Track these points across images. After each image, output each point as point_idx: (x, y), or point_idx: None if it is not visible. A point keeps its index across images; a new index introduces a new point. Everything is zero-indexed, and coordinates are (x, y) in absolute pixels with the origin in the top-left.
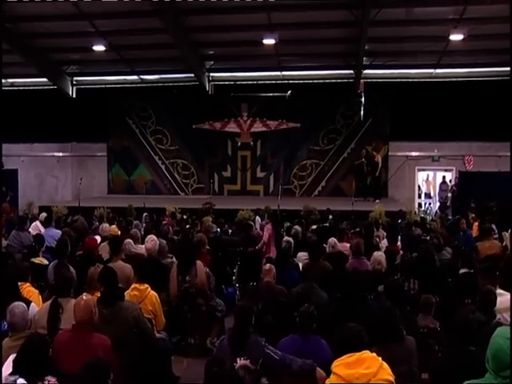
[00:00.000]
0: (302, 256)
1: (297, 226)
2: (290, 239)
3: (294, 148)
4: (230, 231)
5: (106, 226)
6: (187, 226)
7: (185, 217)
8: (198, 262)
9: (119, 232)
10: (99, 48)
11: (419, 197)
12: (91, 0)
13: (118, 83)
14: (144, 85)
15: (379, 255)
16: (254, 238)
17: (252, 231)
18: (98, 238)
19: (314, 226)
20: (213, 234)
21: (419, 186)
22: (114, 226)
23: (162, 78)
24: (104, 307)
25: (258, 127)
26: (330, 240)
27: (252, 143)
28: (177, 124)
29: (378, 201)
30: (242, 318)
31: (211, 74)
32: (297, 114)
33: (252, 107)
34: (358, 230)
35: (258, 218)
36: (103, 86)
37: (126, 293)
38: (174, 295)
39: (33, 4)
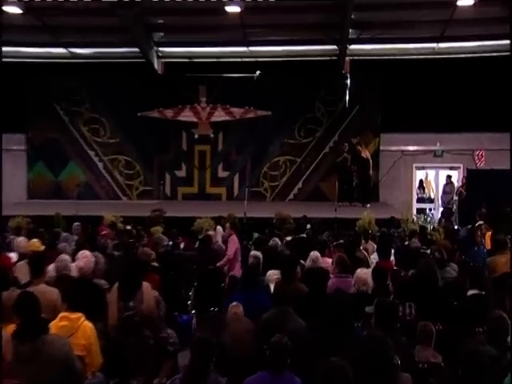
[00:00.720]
0: (274, 275)
1: (276, 239)
2: (259, 254)
3: (263, 142)
4: (184, 245)
5: (22, 240)
6: (131, 239)
7: (128, 227)
8: (145, 284)
9: (42, 247)
10: (13, 10)
11: (418, 201)
12: None
13: (41, 57)
14: (75, 60)
15: (363, 273)
16: (214, 252)
17: (212, 244)
18: (14, 256)
19: (289, 238)
20: (163, 248)
21: (420, 187)
22: (35, 241)
23: (97, 53)
24: (21, 343)
25: (220, 116)
26: (311, 254)
27: (212, 135)
28: (118, 111)
29: (368, 206)
30: (199, 353)
31: (161, 49)
32: (267, 100)
33: (212, 91)
34: (341, 242)
35: (219, 228)
36: (20, 61)
37: (51, 324)
38: (114, 325)
39: None
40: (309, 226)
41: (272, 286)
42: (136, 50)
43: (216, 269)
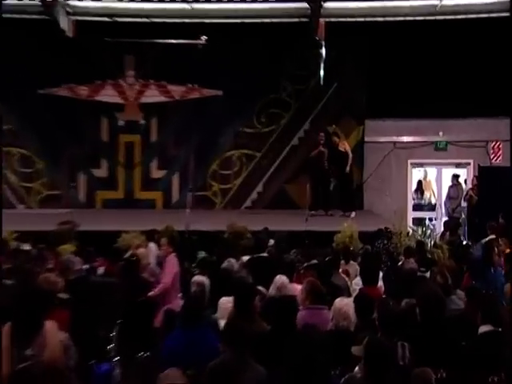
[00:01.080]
0: (227, 303)
1: (233, 260)
2: (205, 280)
3: (212, 131)
4: (104, 269)
5: None
6: (29, 263)
7: (25, 246)
8: (48, 324)
9: None
10: None
11: (415, 209)
12: None
13: None
14: None
15: (343, 304)
16: (145, 279)
17: (143, 268)
18: None
19: (245, 258)
20: (75, 273)
21: (417, 191)
22: None
23: None
24: None
25: (153, 96)
26: (275, 279)
27: (143, 122)
28: (11, 86)
29: (352, 215)
30: None
31: (71, 3)
32: (217, 76)
33: (142, 62)
34: (314, 262)
35: (152, 245)
36: None
37: None
38: (6, 380)
39: None
40: (272, 241)
41: (222, 323)
42: (36, 2)
43: (147, 301)
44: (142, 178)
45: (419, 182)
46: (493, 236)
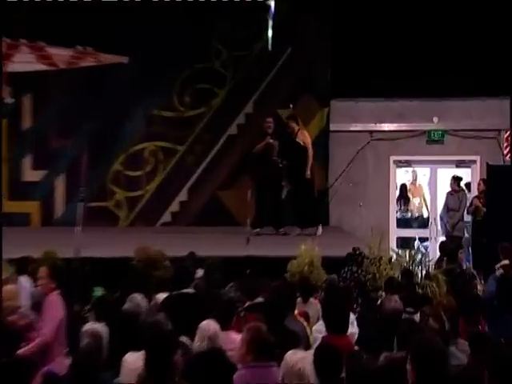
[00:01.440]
0: (134, 361)
1: (143, 299)
2: (101, 329)
3: (113, 114)
4: None
5: None
6: None
7: None
8: None
9: None
10: None
11: (400, 224)
12: None
13: None
14: None
15: (299, 359)
16: (13, 329)
17: (10, 312)
18: None
19: (162, 295)
20: None
21: (403, 199)
22: None
23: None
24: None
25: (26, 62)
26: (205, 326)
27: (11, 101)
28: None
29: (317, 232)
30: None
31: None
32: (121, 36)
33: (10, 14)
34: (260, 301)
35: (24, 279)
36: None
37: None
38: None
39: None
40: (200, 272)
41: None
42: None
43: (17, 361)
44: (11, 181)
45: (404, 188)
46: (506, 262)
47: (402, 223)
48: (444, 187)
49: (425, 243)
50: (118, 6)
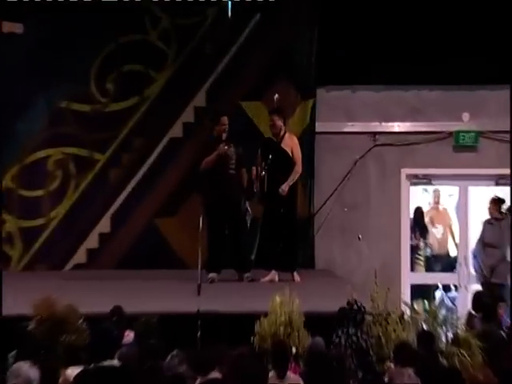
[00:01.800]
0: None
1: (26, 368)
2: None
3: (1, 106)
4: None
5: None
6: None
7: None
8: None
9: None
10: None
11: (414, 266)
12: None
13: None
14: None
15: None
16: None
17: None
18: None
19: (73, 371)
20: None
21: (419, 228)
22: None
23: None
24: None
25: None
26: None
27: None
28: None
29: (297, 277)
30: None
31: None
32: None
33: None
34: (214, 377)
35: None
36: None
37: None
38: None
39: None
40: (130, 335)
41: None
42: None
43: None
44: None
45: (420, 213)
46: None
47: (419, 264)
48: (479, 213)
49: (451, 293)
50: None
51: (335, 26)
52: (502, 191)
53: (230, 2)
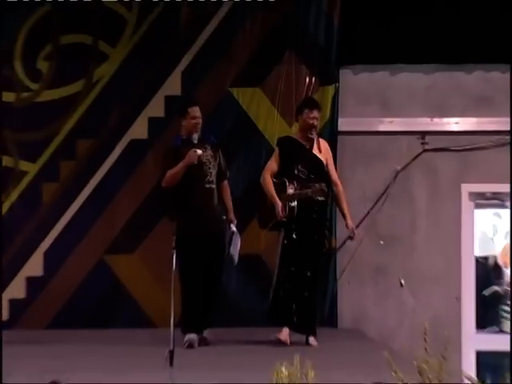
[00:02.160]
0: None
1: None
2: None
3: None
4: None
5: None
6: None
7: None
8: None
9: None
10: None
11: (486, 321)
12: None
13: None
14: None
15: None
16: None
17: None
18: None
19: None
20: None
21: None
22: None
23: None
24: None
25: None
26: None
27: None
28: None
29: (313, 340)
30: None
31: None
32: None
33: None
34: None
35: None
36: None
37: None
38: None
39: None
40: None
41: None
42: None
43: None
44: None
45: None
46: None
47: (489, 321)
48: None
49: None
50: None
51: None
52: None
53: None
